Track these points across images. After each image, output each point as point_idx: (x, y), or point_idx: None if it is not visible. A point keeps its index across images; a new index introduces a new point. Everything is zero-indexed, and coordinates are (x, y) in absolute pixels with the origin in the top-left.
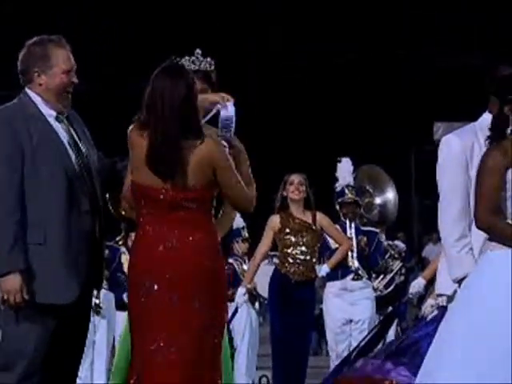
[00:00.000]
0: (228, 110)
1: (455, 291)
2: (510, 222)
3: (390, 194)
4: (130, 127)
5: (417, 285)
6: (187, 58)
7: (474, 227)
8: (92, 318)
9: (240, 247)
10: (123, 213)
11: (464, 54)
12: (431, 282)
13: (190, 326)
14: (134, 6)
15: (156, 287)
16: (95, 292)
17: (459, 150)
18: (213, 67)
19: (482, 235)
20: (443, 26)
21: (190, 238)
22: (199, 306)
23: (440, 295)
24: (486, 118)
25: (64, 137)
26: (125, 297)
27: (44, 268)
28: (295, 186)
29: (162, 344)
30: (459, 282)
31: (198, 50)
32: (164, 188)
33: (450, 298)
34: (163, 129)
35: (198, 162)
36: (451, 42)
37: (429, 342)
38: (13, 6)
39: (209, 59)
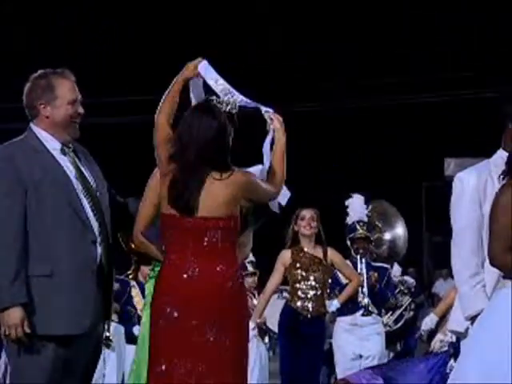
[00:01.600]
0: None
1: (467, 328)
2: None
3: (400, 230)
4: (151, 180)
5: (429, 321)
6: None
7: (486, 264)
8: (102, 351)
9: (247, 282)
10: (133, 246)
11: (475, 86)
12: (442, 318)
13: (206, 356)
14: (134, 7)
15: (176, 314)
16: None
17: (473, 186)
18: (236, 110)
19: (495, 272)
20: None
21: (213, 268)
22: (216, 335)
23: (452, 331)
24: (500, 154)
25: (69, 168)
26: (135, 330)
27: (52, 299)
28: (307, 221)
29: (181, 370)
30: (472, 319)
31: (214, 97)
32: (192, 216)
33: (463, 335)
34: (189, 162)
35: (229, 194)
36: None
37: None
38: (13, 6)
39: (232, 101)
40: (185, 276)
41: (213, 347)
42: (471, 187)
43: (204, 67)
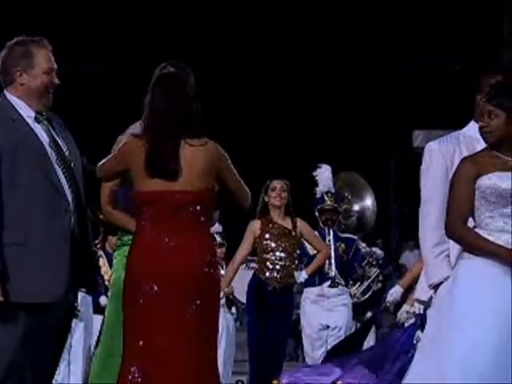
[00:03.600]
0: None
1: (431, 297)
2: (480, 231)
3: (369, 201)
4: (125, 140)
5: (394, 293)
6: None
7: None
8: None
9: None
10: (101, 217)
11: (441, 56)
12: (409, 289)
13: (185, 330)
14: (131, 6)
15: (156, 288)
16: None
17: (440, 157)
18: None
19: None
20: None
21: (192, 242)
22: (195, 309)
23: (417, 301)
24: (472, 126)
25: (43, 137)
26: (101, 300)
27: (25, 268)
28: (277, 192)
29: (159, 345)
30: (435, 287)
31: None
32: (171, 191)
33: (427, 304)
34: (162, 129)
35: (205, 162)
36: (428, 44)
37: (401, 350)
38: (13, 6)
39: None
40: (163, 250)
41: (192, 321)
42: (439, 158)
43: None
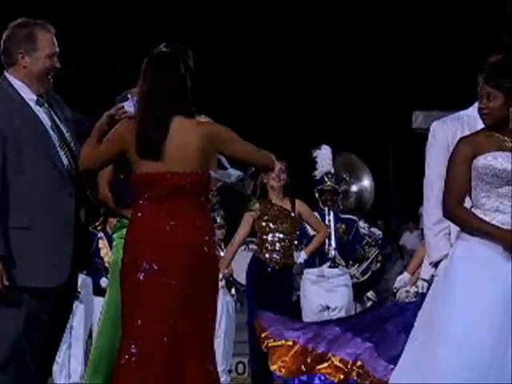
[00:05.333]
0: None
1: (432, 276)
2: (476, 211)
3: (366, 182)
4: (120, 125)
5: (402, 279)
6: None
7: None
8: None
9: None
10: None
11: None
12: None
13: (184, 309)
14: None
15: (156, 267)
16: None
17: (442, 136)
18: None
19: None
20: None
21: (191, 223)
22: (194, 289)
23: (423, 280)
24: (476, 106)
25: (45, 120)
26: (102, 282)
27: (30, 252)
28: (276, 174)
29: (158, 323)
30: (435, 265)
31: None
32: (169, 172)
33: (430, 281)
34: (151, 106)
35: (200, 142)
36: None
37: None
38: (13, 6)
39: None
40: (162, 230)
41: (191, 302)
42: (441, 137)
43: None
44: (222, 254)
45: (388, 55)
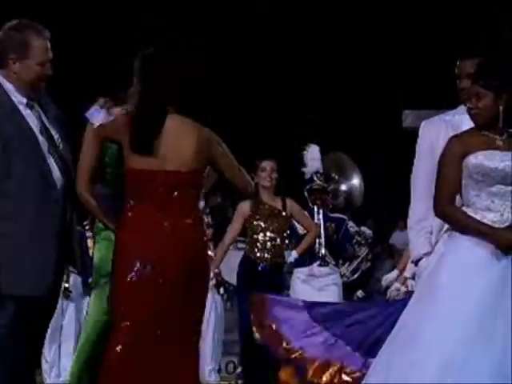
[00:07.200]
0: None
1: (414, 273)
2: (467, 209)
3: (356, 181)
4: (117, 115)
5: (391, 276)
6: None
7: None
8: (60, 302)
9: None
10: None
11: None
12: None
13: (174, 310)
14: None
15: (149, 267)
16: (65, 276)
17: (427, 136)
18: None
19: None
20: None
21: (184, 222)
22: (186, 290)
23: (405, 278)
24: (459, 109)
25: (35, 124)
26: (90, 281)
27: (14, 259)
28: (267, 173)
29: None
30: (416, 262)
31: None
32: (162, 171)
33: (412, 279)
34: (148, 101)
35: (196, 142)
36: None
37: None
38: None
39: None
40: (155, 231)
41: (183, 302)
42: (426, 137)
43: None
44: (210, 253)
45: (378, 55)
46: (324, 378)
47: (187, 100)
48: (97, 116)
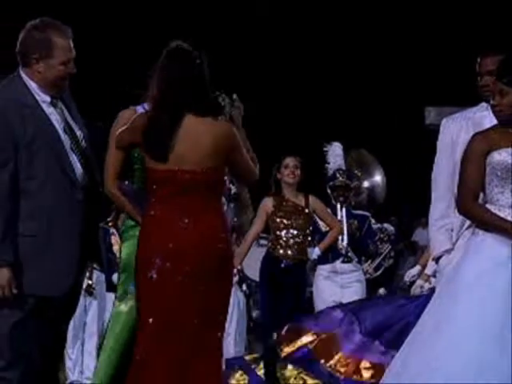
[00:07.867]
0: None
1: (434, 271)
2: (490, 206)
3: (378, 178)
4: (134, 117)
5: (413, 271)
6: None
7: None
8: (83, 299)
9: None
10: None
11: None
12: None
13: (197, 306)
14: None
15: (168, 265)
16: (88, 273)
17: (448, 133)
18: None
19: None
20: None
21: (205, 219)
22: (208, 286)
23: (426, 275)
24: (481, 106)
25: (58, 122)
26: (114, 278)
27: (36, 259)
28: (290, 170)
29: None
30: (436, 260)
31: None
32: (180, 170)
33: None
34: (164, 102)
35: (214, 140)
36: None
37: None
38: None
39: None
40: (175, 229)
41: (204, 299)
42: (446, 134)
43: None
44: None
45: (401, 52)
46: (343, 369)
47: (207, 100)
48: None
